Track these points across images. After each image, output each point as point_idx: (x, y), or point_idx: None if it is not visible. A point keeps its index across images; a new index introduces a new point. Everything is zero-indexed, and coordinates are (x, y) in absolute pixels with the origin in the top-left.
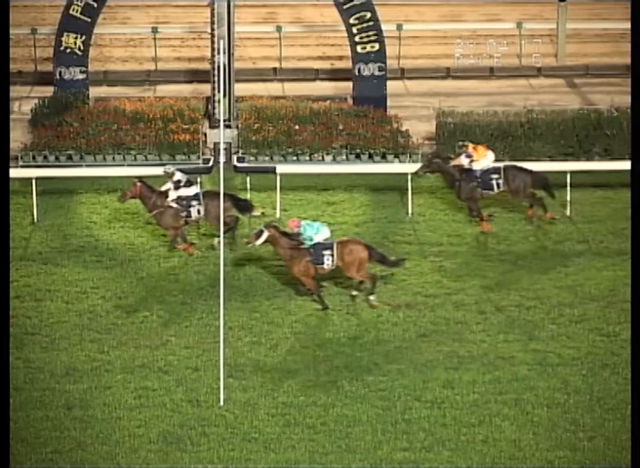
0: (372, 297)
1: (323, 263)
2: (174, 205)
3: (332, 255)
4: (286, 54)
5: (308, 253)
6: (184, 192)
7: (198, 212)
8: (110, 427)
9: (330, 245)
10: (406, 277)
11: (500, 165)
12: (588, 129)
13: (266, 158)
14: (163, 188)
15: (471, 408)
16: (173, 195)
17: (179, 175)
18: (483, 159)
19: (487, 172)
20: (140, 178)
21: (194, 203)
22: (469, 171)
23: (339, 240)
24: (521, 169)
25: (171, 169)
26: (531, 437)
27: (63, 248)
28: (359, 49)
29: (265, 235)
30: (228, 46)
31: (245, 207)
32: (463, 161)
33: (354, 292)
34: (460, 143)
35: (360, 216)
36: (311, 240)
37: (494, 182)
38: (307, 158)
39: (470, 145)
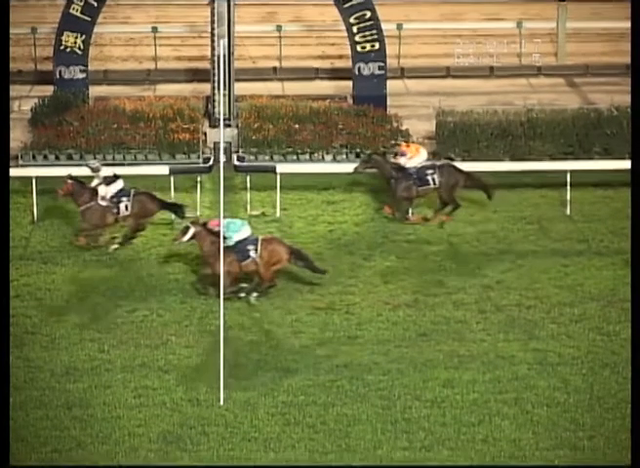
0: (254, 295)
1: (248, 258)
2: (104, 203)
3: (256, 251)
4: (286, 53)
5: (232, 252)
6: (113, 188)
7: (126, 207)
8: (110, 426)
9: (254, 240)
10: (406, 277)
11: (437, 162)
12: (588, 128)
13: (266, 157)
14: (93, 184)
15: (471, 407)
16: (102, 192)
17: (105, 170)
18: (417, 157)
19: (422, 169)
20: (71, 176)
21: (124, 199)
22: (405, 169)
23: (263, 237)
24: (456, 168)
25: (95, 164)
26: (531, 436)
27: (63, 247)
28: (359, 48)
29: (192, 232)
30: (228, 45)
31: (177, 210)
32: (400, 159)
33: (242, 294)
34: (393, 142)
35: (360, 216)
36: (231, 239)
37: (429, 178)
38: (307, 157)
39: (403, 143)
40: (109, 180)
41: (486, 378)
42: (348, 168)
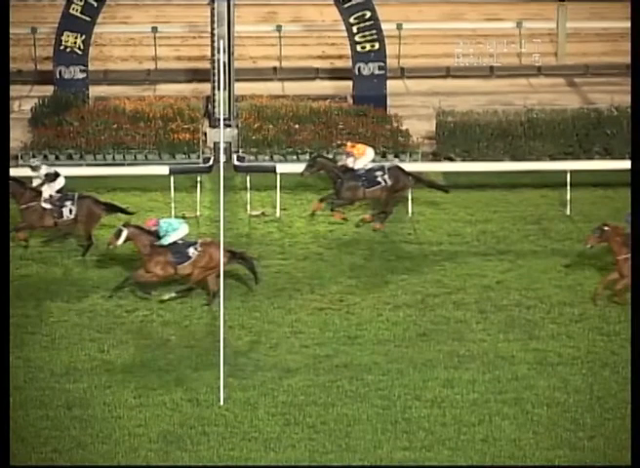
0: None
1: (186, 261)
2: (47, 206)
3: (196, 252)
4: (286, 53)
5: (169, 253)
6: (55, 185)
7: (70, 211)
8: (110, 426)
9: (194, 242)
10: (406, 276)
11: (385, 164)
12: (588, 128)
13: (266, 157)
14: (34, 184)
15: (471, 407)
16: (46, 194)
17: (45, 168)
18: (363, 157)
19: (371, 170)
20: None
21: (67, 203)
22: (352, 170)
23: (202, 240)
24: (404, 171)
25: (35, 162)
26: (531, 436)
27: (63, 247)
28: (359, 48)
29: (125, 234)
30: (228, 45)
31: (123, 212)
32: (348, 161)
33: (171, 295)
34: (338, 143)
35: (360, 216)
36: (167, 238)
37: (379, 179)
38: (307, 157)
39: (349, 144)
40: (51, 178)
41: (486, 378)
42: None
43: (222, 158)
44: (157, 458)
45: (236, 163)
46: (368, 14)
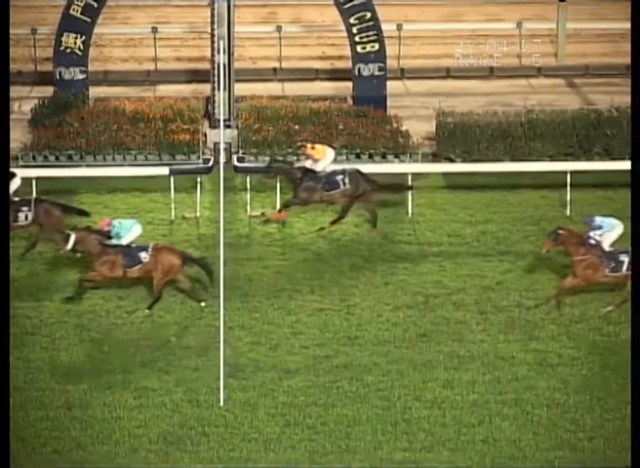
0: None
1: (137, 265)
2: None
3: (147, 256)
4: (286, 53)
5: (120, 254)
6: (11, 187)
7: (26, 217)
8: (110, 427)
9: (146, 246)
10: (406, 277)
11: (346, 167)
12: (588, 129)
13: (266, 158)
14: None
15: (471, 408)
16: None
17: None
18: (324, 159)
19: (332, 174)
20: None
21: (24, 208)
22: (313, 172)
23: (154, 244)
24: (365, 176)
25: None
26: (531, 437)
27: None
28: (359, 49)
29: (73, 238)
30: (228, 46)
31: (81, 213)
32: (306, 163)
33: (144, 312)
34: (299, 143)
35: (360, 217)
36: (119, 238)
37: (340, 182)
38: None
39: (309, 145)
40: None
41: (486, 379)
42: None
43: (222, 159)
44: (157, 459)
45: (236, 164)
46: (368, 14)
